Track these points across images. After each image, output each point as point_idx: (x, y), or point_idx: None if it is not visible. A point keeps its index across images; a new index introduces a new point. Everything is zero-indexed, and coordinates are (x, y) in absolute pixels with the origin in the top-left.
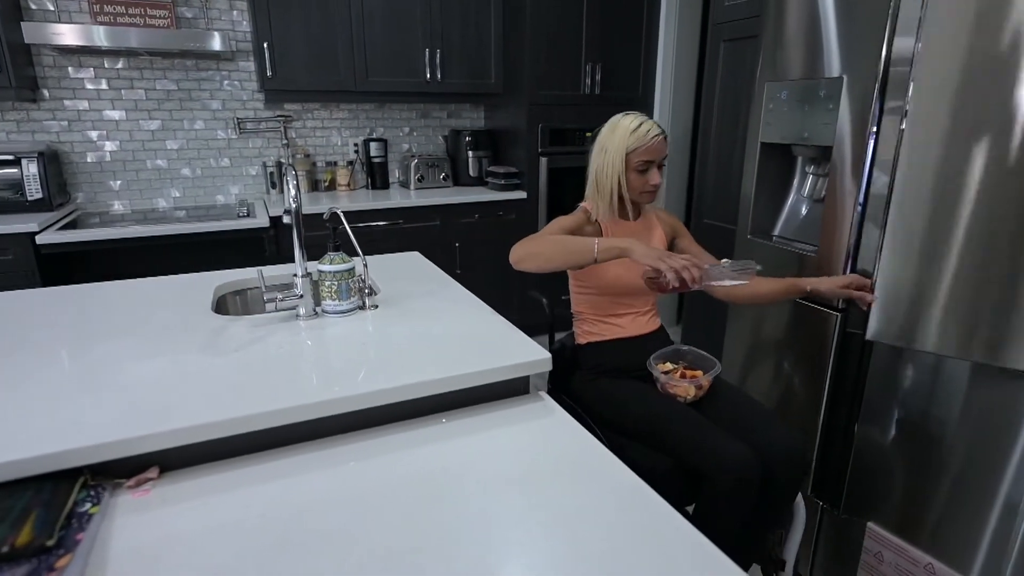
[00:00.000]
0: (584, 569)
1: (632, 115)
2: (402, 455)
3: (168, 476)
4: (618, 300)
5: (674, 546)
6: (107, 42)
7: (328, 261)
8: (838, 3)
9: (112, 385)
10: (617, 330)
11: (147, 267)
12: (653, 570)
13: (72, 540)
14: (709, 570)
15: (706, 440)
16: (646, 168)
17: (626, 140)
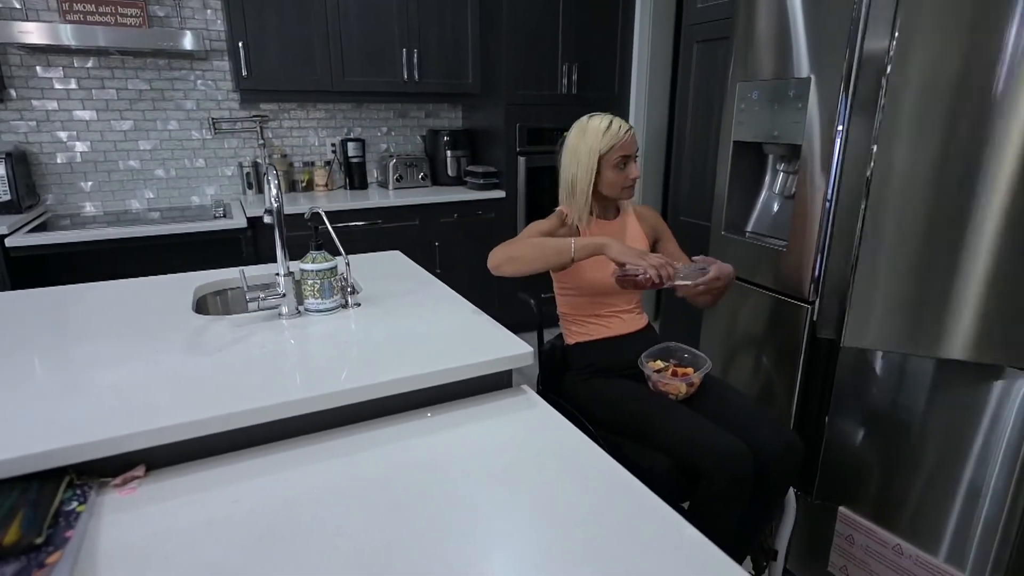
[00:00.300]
0: (569, 556)
1: (598, 116)
2: (388, 449)
3: (154, 474)
4: (600, 300)
5: (657, 532)
6: (76, 41)
7: (310, 260)
8: (806, 6)
9: (95, 385)
10: (604, 329)
11: (121, 270)
12: (636, 556)
13: (61, 538)
14: (692, 554)
15: (702, 437)
16: (624, 164)
17: (599, 142)
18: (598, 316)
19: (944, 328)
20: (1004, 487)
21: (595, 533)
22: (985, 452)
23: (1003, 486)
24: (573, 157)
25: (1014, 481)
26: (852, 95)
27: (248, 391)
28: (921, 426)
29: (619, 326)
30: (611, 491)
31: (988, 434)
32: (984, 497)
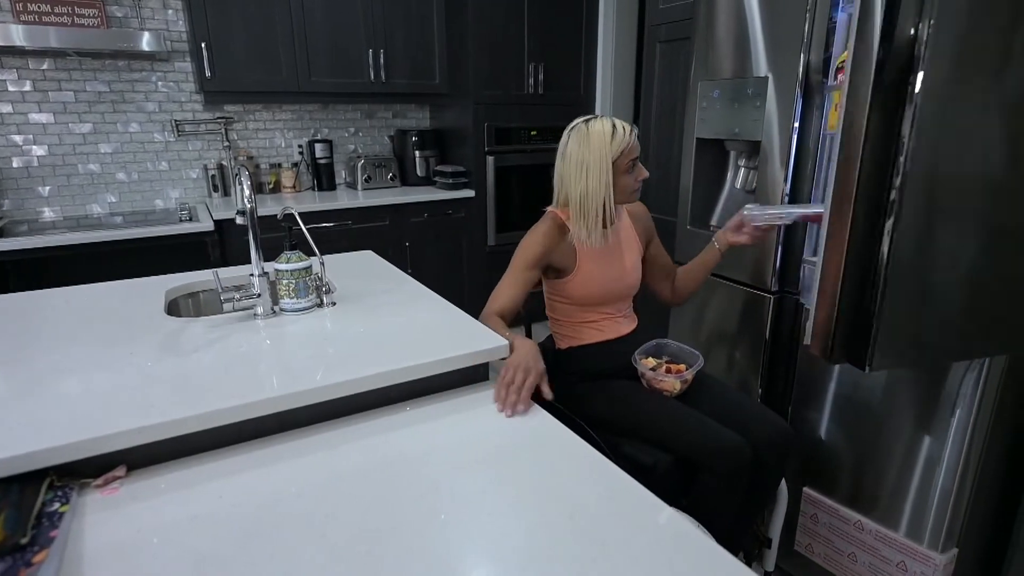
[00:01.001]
0: (548, 537)
1: (596, 119)
2: (368, 442)
3: (136, 474)
4: (592, 308)
5: (635, 512)
6: (31, 42)
7: (285, 260)
8: (763, 8)
9: (72, 388)
10: (596, 334)
11: (83, 277)
12: (614, 535)
13: (46, 537)
14: (667, 530)
15: (700, 432)
16: (633, 165)
17: (609, 148)
18: (589, 322)
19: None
20: (955, 463)
21: (572, 514)
22: (940, 430)
23: (954, 462)
24: (579, 169)
25: (962, 457)
26: (805, 93)
27: (227, 390)
28: (879, 406)
29: (611, 329)
30: (587, 475)
31: (942, 413)
32: (939, 473)
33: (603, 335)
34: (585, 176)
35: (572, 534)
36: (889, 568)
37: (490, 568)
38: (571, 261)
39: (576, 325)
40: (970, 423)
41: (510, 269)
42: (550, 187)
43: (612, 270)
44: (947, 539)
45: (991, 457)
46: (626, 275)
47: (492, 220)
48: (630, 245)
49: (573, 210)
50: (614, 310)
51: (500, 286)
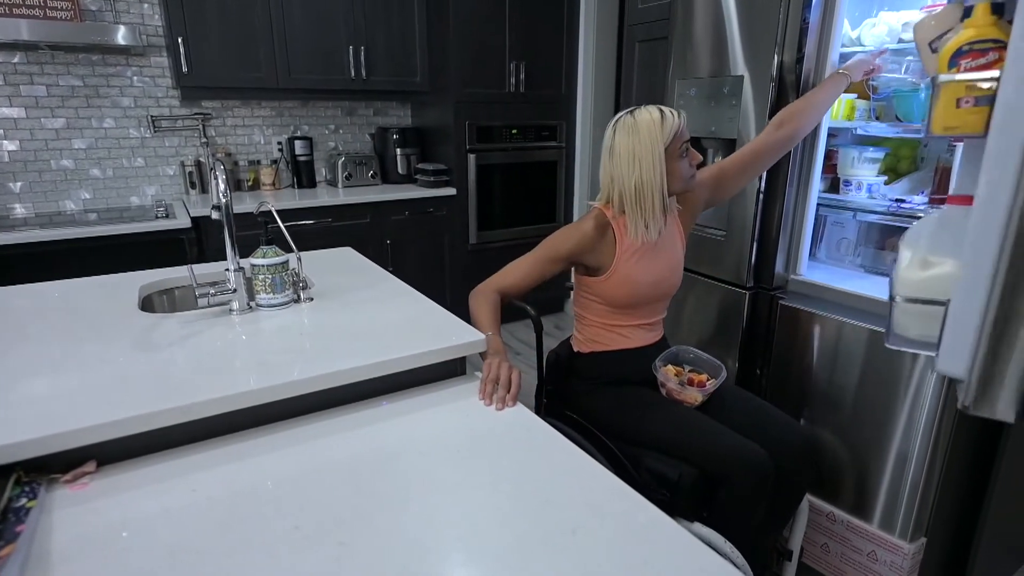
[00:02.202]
0: (522, 527)
1: (641, 109)
2: (344, 436)
3: (107, 469)
4: (627, 311)
5: (607, 500)
6: (1, 35)
7: (261, 255)
8: (740, 9)
9: (40, 383)
10: (622, 340)
11: (56, 275)
12: (588, 523)
13: (12, 532)
14: (632, 514)
15: (723, 444)
16: (687, 150)
17: (660, 135)
18: (618, 327)
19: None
20: (923, 456)
21: (545, 502)
22: (908, 424)
23: (922, 455)
24: (631, 161)
25: (929, 450)
26: (779, 91)
27: (201, 384)
28: (853, 400)
29: (639, 337)
30: (561, 465)
31: (910, 407)
32: (908, 465)
33: (629, 342)
34: (639, 166)
35: (544, 522)
36: (860, 557)
37: (463, 555)
38: (608, 260)
39: (603, 329)
40: (936, 416)
41: (534, 252)
42: (532, 186)
43: (654, 270)
44: (915, 529)
45: (957, 449)
46: (666, 278)
47: (474, 218)
48: (677, 241)
49: (629, 204)
50: (644, 315)
51: (515, 264)
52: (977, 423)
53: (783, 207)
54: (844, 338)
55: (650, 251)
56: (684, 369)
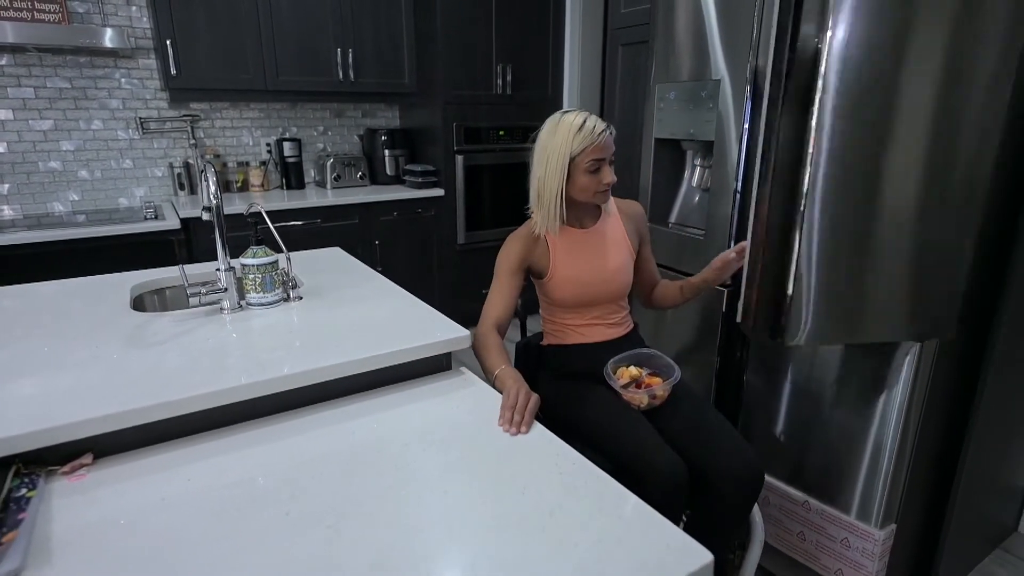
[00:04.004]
0: (502, 511)
1: (573, 112)
2: (333, 428)
3: (103, 461)
4: (576, 310)
5: (583, 484)
6: None
7: (251, 255)
8: (719, 14)
9: (36, 379)
10: (577, 336)
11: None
12: (566, 504)
13: (14, 519)
14: (603, 494)
15: (640, 445)
16: (597, 168)
17: (570, 142)
18: (576, 325)
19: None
20: (893, 445)
21: (524, 488)
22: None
23: (892, 443)
24: (542, 157)
25: (899, 439)
26: (753, 96)
27: (194, 379)
28: (831, 392)
29: (595, 334)
30: (540, 454)
31: (880, 397)
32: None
33: (584, 338)
34: (545, 164)
35: (523, 505)
36: (834, 545)
37: (447, 535)
38: (547, 262)
39: (560, 326)
40: (906, 406)
41: (495, 277)
42: (519, 186)
43: (593, 272)
44: (886, 516)
45: (926, 438)
46: (610, 277)
47: (462, 219)
48: (617, 245)
49: (532, 197)
50: (599, 314)
51: (490, 297)
52: (944, 411)
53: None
54: None
55: (585, 251)
56: (643, 372)
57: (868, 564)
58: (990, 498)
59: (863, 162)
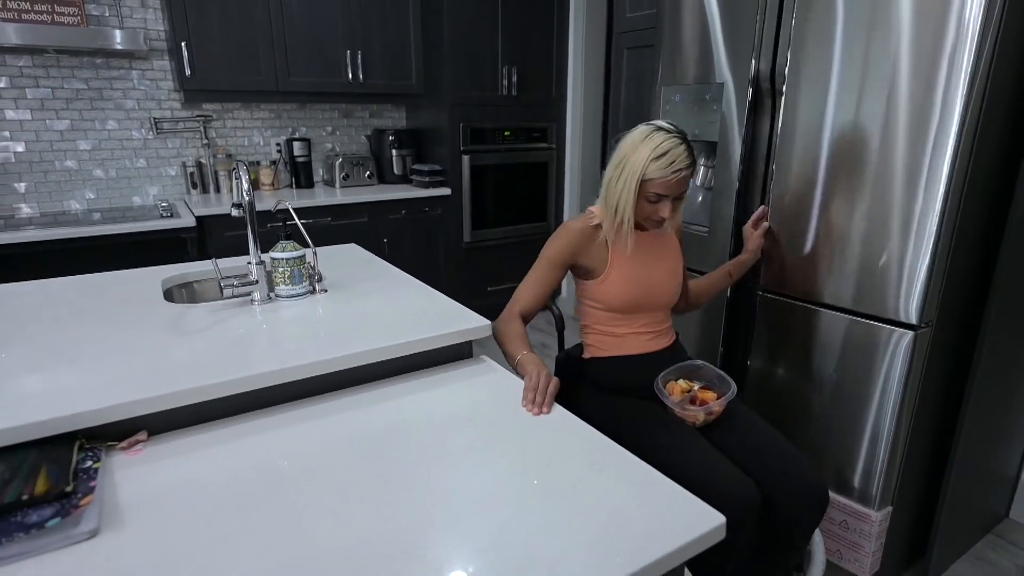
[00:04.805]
0: (528, 481)
1: (664, 133)
2: (366, 409)
3: (156, 439)
4: (625, 317)
5: (604, 457)
6: (11, 40)
7: (281, 249)
8: (722, 21)
9: (91, 362)
10: (623, 346)
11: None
12: (588, 476)
13: (87, 486)
14: (629, 469)
15: (707, 471)
16: (658, 200)
17: (645, 165)
18: (620, 334)
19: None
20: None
21: (549, 461)
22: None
23: (890, 429)
24: (619, 166)
25: (895, 424)
26: (755, 99)
27: (234, 363)
28: (830, 382)
29: (642, 345)
30: (562, 431)
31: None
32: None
33: (631, 349)
34: (619, 173)
35: (547, 477)
36: (834, 527)
37: (476, 505)
38: (602, 262)
39: (604, 335)
40: (901, 393)
41: (535, 265)
42: (524, 186)
43: (647, 277)
44: (882, 499)
45: (921, 424)
46: (662, 285)
47: (468, 217)
48: (671, 252)
49: (601, 200)
50: (647, 322)
51: (523, 284)
52: (940, 396)
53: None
54: (821, 326)
55: (643, 258)
56: (695, 385)
57: (866, 545)
58: (982, 485)
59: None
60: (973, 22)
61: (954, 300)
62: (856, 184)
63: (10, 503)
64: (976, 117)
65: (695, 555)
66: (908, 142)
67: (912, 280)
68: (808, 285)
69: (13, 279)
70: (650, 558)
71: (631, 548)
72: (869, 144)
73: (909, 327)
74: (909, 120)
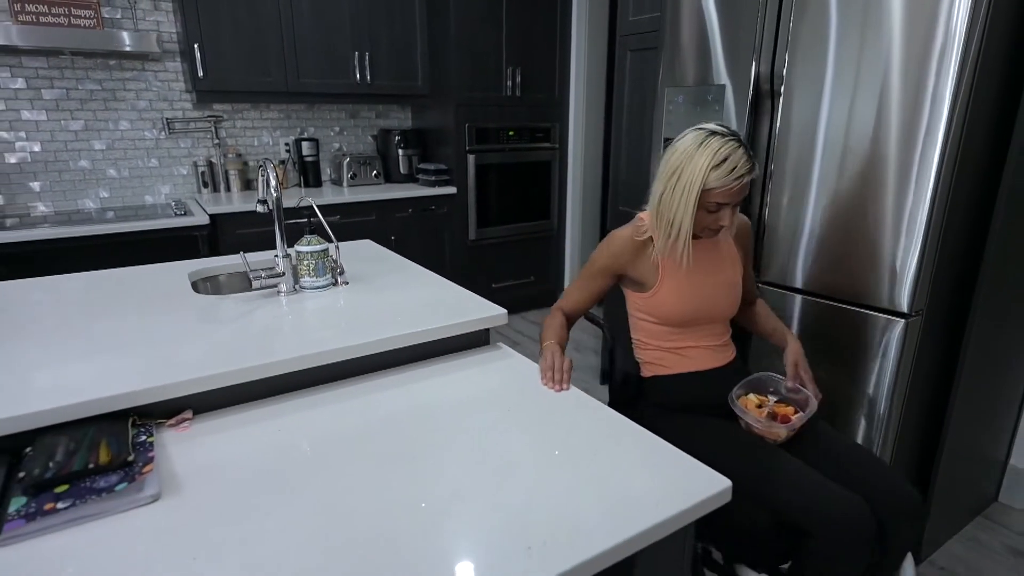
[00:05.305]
0: (549, 451)
1: (719, 138)
2: (390, 393)
3: (200, 417)
4: (681, 331)
5: (619, 431)
6: (28, 42)
7: (306, 243)
8: (721, 26)
9: (135, 347)
10: (683, 362)
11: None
12: (607, 446)
13: (147, 456)
14: (645, 440)
15: (814, 491)
16: (718, 208)
17: (705, 175)
18: (678, 348)
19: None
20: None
21: (569, 433)
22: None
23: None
24: (673, 177)
25: (886, 409)
26: (754, 101)
27: (269, 348)
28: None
29: (702, 360)
30: (578, 408)
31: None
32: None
33: (692, 364)
34: (673, 185)
35: (569, 446)
36: None
37: (506, 471)
38: (652, 274)
39: (661, 351)
40: (894, 378)
41: (584, 268)
42: (527, 185)
43: (704, 288)
44: None
45: (912, 408)
46: (717, 298)
47: (473, 215)
48: (728, 263)
49: (651, 212)
50: (705, 335)
51: (570, 287)
52: (932, 378)
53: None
54: (816, 315)
55: (698, 268)
56: (769, 399)
57: None
58: (972, 469)
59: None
60: (960, 26)
61: (943, 289)
62: (850, 180)
63: (78, 471)
64: (963, 115)
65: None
66: (899, 140)
67: (904, 271)
68: (804, 276)
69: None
70: (662, 516)
71: (645, 508)
72: (862, 142)
73: (901, 315)
74: (900, 119)
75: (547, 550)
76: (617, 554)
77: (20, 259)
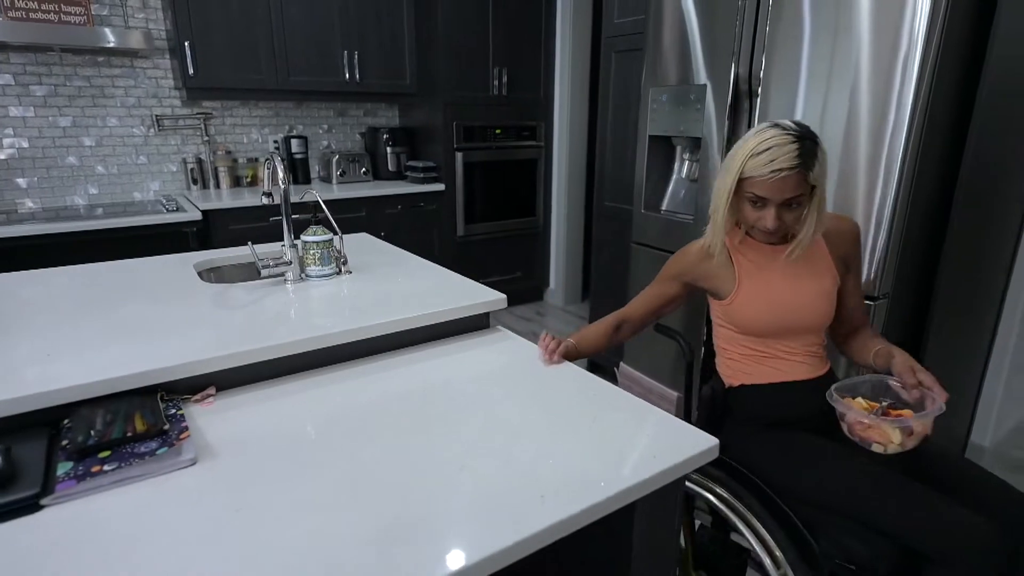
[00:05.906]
0: (551, 418)
1: (776, 129)
2: (397, 371)
3: (222, 394)
4: (764, 340)
5: (614, 399)
6: (17, 38)
7: (312, 233)
8: (701, 29)
9: (161, 330)
10: (770, 372)
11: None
12: (606, 413)
13: (180, 426)
14: (642, 410)
15: (941, 516)
16: (760, 204)
17: (743, 162)
18: (762, 356)
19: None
20: None
21: (569, 403)
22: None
23: None
24: (724, 161)
25: None
26: (734, 99)
27: (282, 331)
28: None
29: (791, 371)
30: (577, 382)
31: None
32: None
33: (780, 375)
34: (723, 169)
35: (569, 415)
36: None
37: (513, 436)
38: (729, 280)
39: (745, 360)
40: None
41: (655, 277)
42: (514, 181)
43: (786, 295)
44: None
45: None
46: (805, 305)
47: (461, 212)
48: (818, 271)
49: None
50: (794, 346)
51: (641, 292)
52: None
53: None
54: None
55: (777, 270)
56: (880, 404)
57: None
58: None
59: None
60: (920, 31)
61: (908, 273)
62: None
63: (118, 438)
64: (924, 111)
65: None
66: (868, 136)
67: (871, 257)
68: None
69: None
70: (657, 469)
71: (641, 463)
72: (835, 138)
73: (870, 299)
74: (869, 116)
75: (559, 498)
76: (620, 500)
77: (5, 254)
